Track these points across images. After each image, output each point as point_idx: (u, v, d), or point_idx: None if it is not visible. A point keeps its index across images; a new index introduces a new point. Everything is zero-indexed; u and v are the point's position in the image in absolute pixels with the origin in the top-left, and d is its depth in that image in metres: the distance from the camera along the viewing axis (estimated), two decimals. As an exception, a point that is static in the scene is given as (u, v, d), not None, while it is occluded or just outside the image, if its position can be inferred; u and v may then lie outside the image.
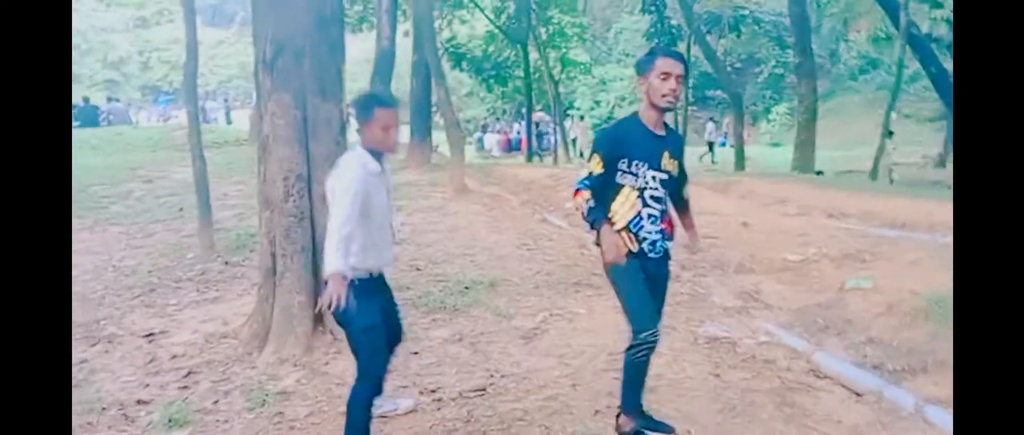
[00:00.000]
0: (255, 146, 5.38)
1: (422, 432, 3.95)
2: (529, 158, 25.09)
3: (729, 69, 38.12)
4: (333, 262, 3.17)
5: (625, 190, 3.42)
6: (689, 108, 37.16)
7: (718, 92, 35.88)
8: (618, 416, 3.71)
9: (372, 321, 3.52)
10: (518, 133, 32.37)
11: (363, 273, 3.47)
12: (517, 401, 4.24)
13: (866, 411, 4.09)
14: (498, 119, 38.18)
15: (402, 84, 25.70)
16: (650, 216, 3.47)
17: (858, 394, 4.31)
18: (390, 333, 3.78)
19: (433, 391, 4.44)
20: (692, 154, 27.40)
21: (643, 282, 3.47)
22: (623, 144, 3.42)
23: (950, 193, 13.51)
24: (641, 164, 3.42)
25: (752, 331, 5.34)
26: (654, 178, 3.46)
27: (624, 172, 3.41)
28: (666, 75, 3.35)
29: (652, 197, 3.46)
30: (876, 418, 3.99)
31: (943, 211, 8.56)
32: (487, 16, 23.80)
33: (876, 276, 6.06)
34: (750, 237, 7.66)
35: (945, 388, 4.33)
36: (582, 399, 4.22)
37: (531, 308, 5.75)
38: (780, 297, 6.12)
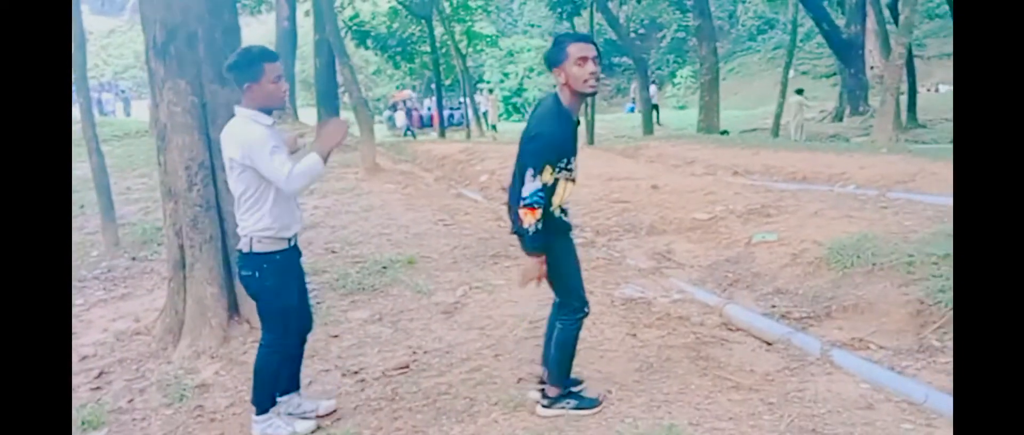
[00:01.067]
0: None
1: (346, 413, 3.93)
2: (441, 134, 24.98)
3: (632, 35, 38.72)
4: (313, 176, 3.38)
5: (561, 183, 3.45)
6: (595, 75, 37.70)
7: (624, 58, 36.38)
8: (542, 388, 3.78)
9: (289, 302, 3.57)
10: (429, 109, 32.18)
11: (281, 244, 3.47)
12: (441, 375, 4.26)
13: (776, 358, 4.26)
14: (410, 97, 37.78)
15: (306, 65, 25.13)
16: (572, 193, 3.59)
17: (768, 343, 4.50)
18: (305, 316, 3.81)
19: (355, 372, 4.42)
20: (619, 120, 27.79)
21: (576, 258, 3.66)
22: (564, 147, 3.40)
23: (847, 144, 14.10)
24: (573, 158, 3.48)
25: (666, 290, 5.49)
26: (575, 162, 3.53)
27: (563, 169, 3.43)
28: (583, 59, 3.31)
29: (573, 179, 3.55)
30: (785, 364, 4.17)
31: (841, 163, 8.94)
32: (389, -9, 23.49)
33: (780, 229, 6.29)
34: (660, 199, 7.83)
35: (849, 331, 4.57)
36: (505, 368, 4.27)
37: (451, 283, 5.76)
38: (691, 255, 6.30)
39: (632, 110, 31.96)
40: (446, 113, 28.12)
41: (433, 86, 26.26)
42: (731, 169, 9.55)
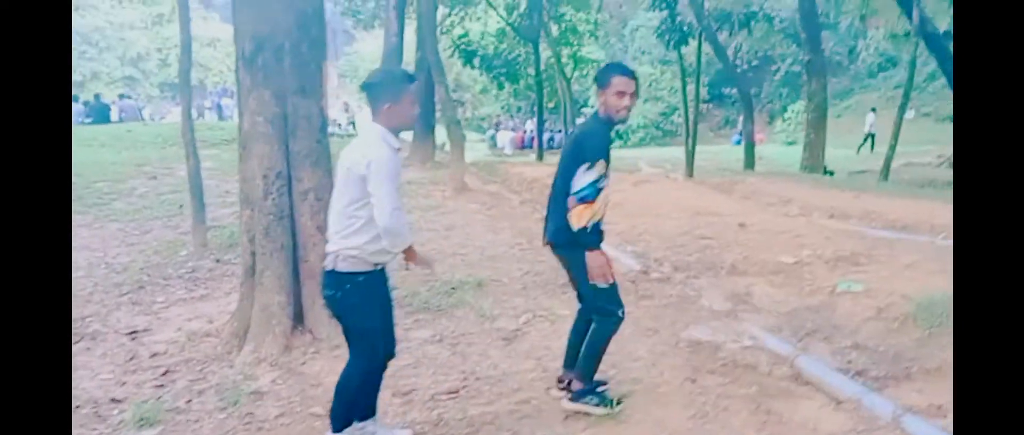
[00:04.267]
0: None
1: (389, 434, 3.90)
2: (540, 157, 24.99)
3: (745, 67, 37.89)
4: (405, 236, 3.36)
5: (604, 192, 3.73)
6: (704, 105, 37.14)
7: (734, 90, 35.55)
8: (569, 381, 4.07)
9: (372, 324, 3.51)
10: (531, 131, 32.28)
11: (366, 266, 3.39)
12: (489, 404, 4.19)
13: (844, 419, 4.00)
14: (511, 117, 38.02)
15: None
16: (605, 211, 3.87)
17: (838, 401, 4.22)
18: (389, 341, 3.71)
19: (406, 393, 4.39)
20: (724, 152, 27.15)
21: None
22: (607, 153, 3.74)
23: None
24: (607, 175, 3.77)
25: (737, 335, 5.25)
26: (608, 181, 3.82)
27: (606, 177, 3.72)
28: (621, 93, 3.68)
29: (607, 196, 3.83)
30: (853, 426, 3.90)
31: (948, 213, 8.41)
32: (499, 12, 23.67)
33: (869, 279, 5.95)
34: (746, 238, 7.56)
35: (928, 396, 4.24)
36: (554, 403, 4.15)
37: (515, 309, 5.69)
38: (770, 300, 6.03)
39: (739, 142, 31.14)
40: (546, 136, 28.12)
41: (535, 108, 26.26)
42: (827, 212, 9.13)
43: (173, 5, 48.20)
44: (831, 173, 16.30)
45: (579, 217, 3.63)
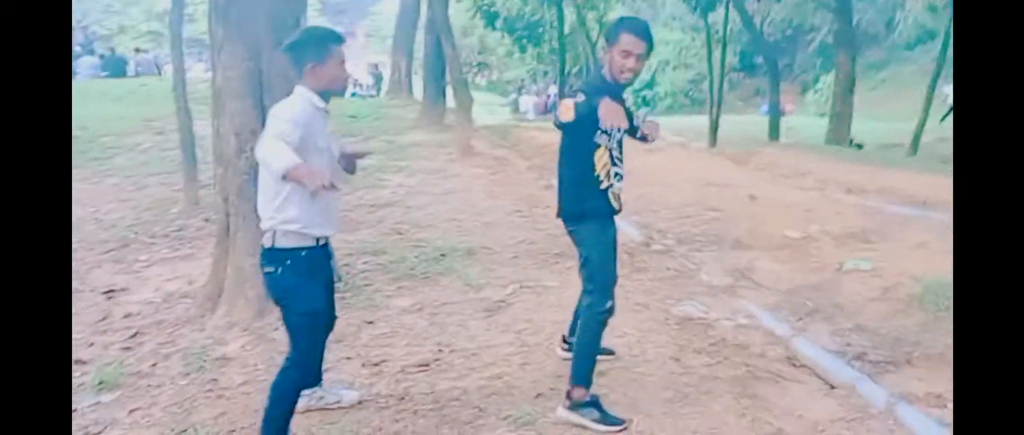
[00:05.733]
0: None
1: (351, 408, 3.71)
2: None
3: (778, 36, 36.98)
4: (284, 159, 2.67)
5: (600, 149, 3.45)
6: (734, 74, 36.40)
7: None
8: (569, 392, 3.53)
9: (315, 306, 3.19)
10: (554, 96, 31.83)
11: (308, 241, 3.11)
12: (458, 379, 3.99)
13: (834, 406, 3.75)
14: (535, 81, 37.53)
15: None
16: (617, 173, 3.56)
17: (831, 386, 3.97)
18: (329, 316, 3.48)
19: (376, 364, 4.21)
20: (753, 122, 26.60)
21: (614, 249, 3.62)
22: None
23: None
24: (617, 132, 3.45)
25: (732, 312, 4.99)
26: (618, 140, 3.54)
27: (605, 134, 3.41)
28: (627, 53, 3.35)
29: (617, 156, 3.56)
30: (842, 414, 3.65)
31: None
32: (522, -27, 23.23)
33: (878, 258, 5.66)
34: (755, 211, 7.25)
35: (928, 384, 3.98)
36: (527, 380, 3.94)
37: (503, 279, 5.47)
38: (772, 276, 5.74)
39: (767, 113, 30.51)
40: (570, 101, 27.57)
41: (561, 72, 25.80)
42: (844, 186, 8.75)
43: (201, -39, 48.22)
44: (859, 146, 15.79)
45: (562, 108, 3.23)
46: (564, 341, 4.12)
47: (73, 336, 4.68)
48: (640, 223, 7.28)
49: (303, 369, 3.25)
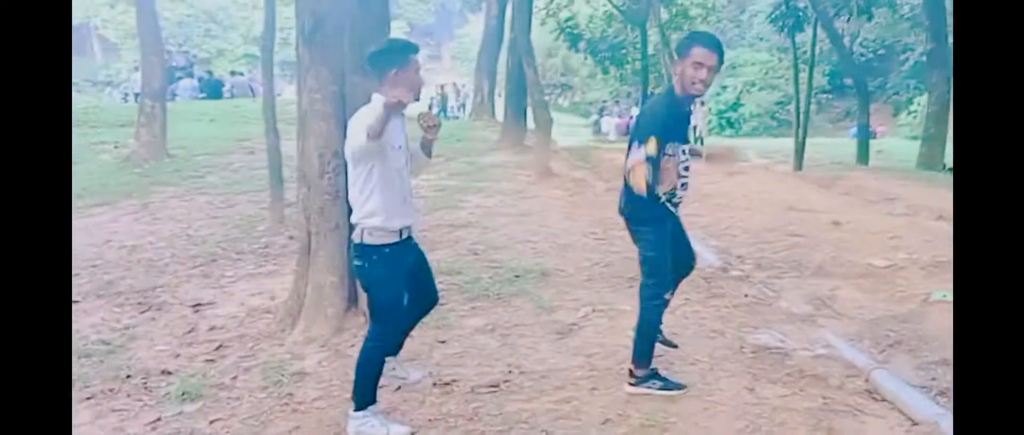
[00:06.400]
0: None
1: (421, 425, 3.77)
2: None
3: (870, 56, 35.91)
4: (366, 123, 3.25)
5: (668, 165, 3.65)
6: (823, 95, 35.46)
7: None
8: (631, 370, 4.01)
9: (395, 296, 3.60)
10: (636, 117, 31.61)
11: (392, 237, 3.50)
12: (527, 401, 3.99)
13: (914, 444, 3.61)
14: (617, 102, 37.39)
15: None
16: (683, 184, 3.82)
17: (913, 422, 3.81)
18: (425, 299, 3.94)
19: (446, 384, 4.24)
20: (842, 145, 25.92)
21: (670, 246, 3.89)
22: (670, 130, 3.63)
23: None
24: (681, 145, 3.73)
25: (810, 342, 4.85)
26: (685, 153, 3.79)
27: (669, 156, 3.63)
28: (699, 65, 3.52)
29: (685, 168, 3.80)
30: (923, 453, 3.51)
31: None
32: (606, -4, 23.25)
33: (968, 289, 5.41)
34: (838, 237, 7.06)
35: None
36: (596, 405, 3.92)
37: (576, 301, 5.46)
38: (855, 305, 5.56)
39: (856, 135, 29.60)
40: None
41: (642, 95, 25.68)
42: (936, 213, 8.41)
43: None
44: (951, 170, 15.20)
45: (632, 180, 3.47)
46: (631, 375, 4.10)
47: (160, 347, 4.90)
48: (718, 248, 7.18)
49: (382, 345, 3.66)
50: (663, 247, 3.85)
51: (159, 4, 12.81)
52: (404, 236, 3.59)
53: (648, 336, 3.96)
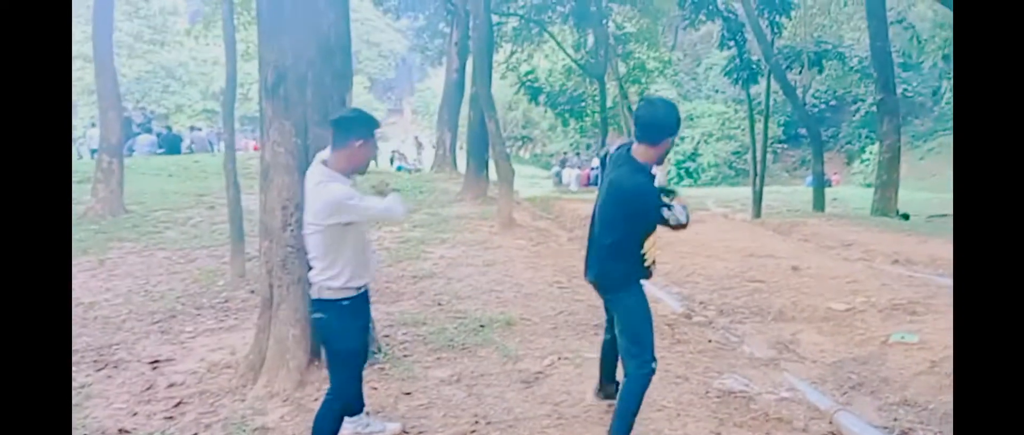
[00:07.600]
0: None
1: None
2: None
3: (822, 107, 36.89)
4: (399, 211, 3.73)
5: (653, 236, 3.70)
6: (779, 145, 36.23)
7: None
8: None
9: (356, 345, 3.73)
10: (597, 168, 31.96)
11: (352, 292, 3.61)
12: (495, 451, 3.96)
13: (880, 483, 3.64)
14: (578, 154, 37.84)
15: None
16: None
17: (877, 464, 3.86)
18: (367, 348, 4.09)
19: (412, 436, 4.20)
20: (796, 193, 26.41)
21: (650, 309, 3.79)
22: None
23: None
24: None
25: (775, 385, 4.91)
26: None
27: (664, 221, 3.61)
28: (665, 153, 3.69)
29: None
30: (888, 493, 3.54)
31: None
32: (564, 50, 23.65)
33: (925, 330, 5.53)
34: (798, 283, 7.16)
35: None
36: (560, 456, 3.91)
37: (542, 350, 5.46)
38: (817, 349, 5.64)
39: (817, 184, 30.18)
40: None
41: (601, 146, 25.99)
42: (891, 257, 8.61)
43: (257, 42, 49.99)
44: (906, 217, 15.54)
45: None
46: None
47: (117, 405, 4.78)
48: (681, 295, 7.24)
49: (343, 399, 3.71)
50: (646, 309, 3.73)
51: (117, 60, 12.71)
52: (361, 290, 3.72)
53: (632, 411, 3.70)
